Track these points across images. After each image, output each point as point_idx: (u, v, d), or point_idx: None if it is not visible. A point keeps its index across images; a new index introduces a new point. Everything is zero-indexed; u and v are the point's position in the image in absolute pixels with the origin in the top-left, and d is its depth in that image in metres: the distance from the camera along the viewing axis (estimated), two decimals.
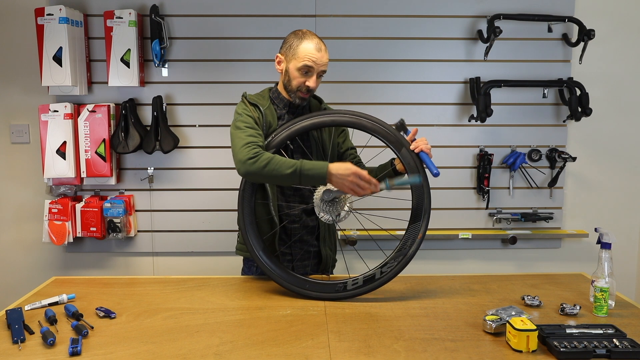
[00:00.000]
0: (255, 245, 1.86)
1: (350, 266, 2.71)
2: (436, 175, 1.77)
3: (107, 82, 2.60)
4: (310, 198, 1.89)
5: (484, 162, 2.75)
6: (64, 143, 2.61)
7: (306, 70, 1.87)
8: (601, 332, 1.52)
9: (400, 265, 1.80)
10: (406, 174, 1.84)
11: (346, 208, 1.82)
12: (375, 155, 2.11)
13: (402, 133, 1.86)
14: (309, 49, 1.86)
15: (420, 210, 1.80)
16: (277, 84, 2.03)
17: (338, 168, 1.72)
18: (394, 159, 1.92)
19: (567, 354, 1.41)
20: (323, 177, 1.72)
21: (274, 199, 1.94)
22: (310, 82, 1.88)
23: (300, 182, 1.75)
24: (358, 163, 2.08)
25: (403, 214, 1.89)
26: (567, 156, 2.74)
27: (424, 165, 1.82)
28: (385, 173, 1.94)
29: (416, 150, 1.81)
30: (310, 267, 2.07)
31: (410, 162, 1.81)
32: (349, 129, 2.10)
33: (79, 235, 2.68)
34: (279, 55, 1.95)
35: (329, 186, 1.80)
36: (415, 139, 1.84)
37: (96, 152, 2.63)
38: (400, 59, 2.73)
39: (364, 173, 1.72)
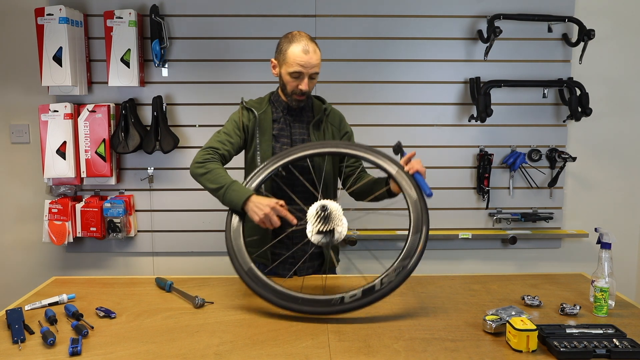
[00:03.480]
0: (242, 264, 1.74)
1: (349, 266, 2.72)
2: (429, 195, 1.76)
3: (107, 82, 2.60)
4: (312, 202, 1.87)
5: (484, 162, 2.75)
6: (64, 143, 2.61)
7: (297, 75, 1.87)
8: (601, 332, 1.52)
9: (401, 277, 1.68)
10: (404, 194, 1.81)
11: (340, 229, 1.73)
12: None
13: (398, 155, 1.87)
14: (296, 53, 1.85)
15: (420, 222, 1.74)
16: (278, 87, 2.04)
17: (260, 199, 1.74)
18: (389, 178, 1.89)
19: (567, 354, 1.41)
20: (239, 202, 1.74)
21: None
22: (303, 86, 1.88)
23: (223, 201, 1.79)
24: (361, 170, 2.08)
25: (400, 214, 1.88)
26: (567, 156, 2.74)
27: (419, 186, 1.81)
28: (379, 193, 1.92)
29: (411, 171, 1.80)
30: (312, 269, 2.07)
31: (404, 183, 1.80)
32: (353, 134, 2.11)
33: (79, 235, 2.68)
34: (273, 60, 1.97)
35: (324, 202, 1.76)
36: (410, 160, 1.82)
37: (96, 152, 2.63)
38: (400, 59, 2.73)
39: (283, 211, 1.72)
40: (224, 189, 1.78)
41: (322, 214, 1.71)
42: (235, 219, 1.79)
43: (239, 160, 2.06)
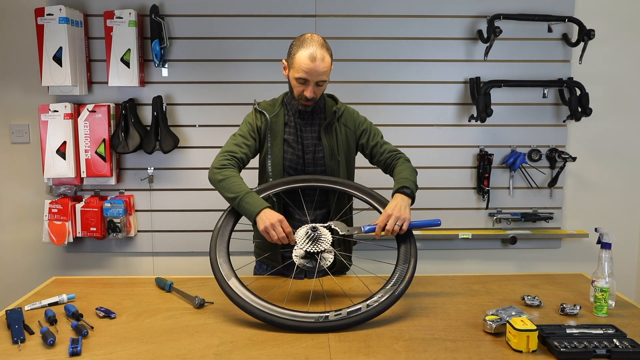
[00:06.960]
0: (226, 274, 1.69)
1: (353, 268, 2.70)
2: (439, 224, 1.88)
3: (107, 82, 2.60)
4: (324, 203, 1.87)
5: (484, 162, 2.75)
6: (64, 143, 2.61)
7: (302, 81, 1.84)
8: (601, 332, 1.52)
9: (388, 302, 1.65)
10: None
11: (327, 256, 1.76)
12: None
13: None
14: (302, 59, 1.81)
15: (408, 254, 1.76)
16: None
17: (268, 213, 1.74)
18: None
19: (567, 354, 1.41)
20: (252, 215, 1.75)
21: (279, 211, 1.93)
22: (307, 92, 1.85)
23: (237, 210, 1.81)
24: (391, 152, 2.00)
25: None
26: (567, 156, 2.74)
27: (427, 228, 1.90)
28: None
29: (403, 229, 1.76)
30: (323, 272, 2.06)
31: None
32: (371, 126, 2.05)
33: (79, 235, 2.68)
34: (284, 61, 1.92)
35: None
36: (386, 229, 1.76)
37: (96, 152, 2.63)
38: (400, 59, 2.73)
39: (284, 228, 1.71)
40: (238, 199, 1.79)
41: (312, 235, 1.72)
42: (221, 235, 1.80)
43: (253, 161, 2.06)
